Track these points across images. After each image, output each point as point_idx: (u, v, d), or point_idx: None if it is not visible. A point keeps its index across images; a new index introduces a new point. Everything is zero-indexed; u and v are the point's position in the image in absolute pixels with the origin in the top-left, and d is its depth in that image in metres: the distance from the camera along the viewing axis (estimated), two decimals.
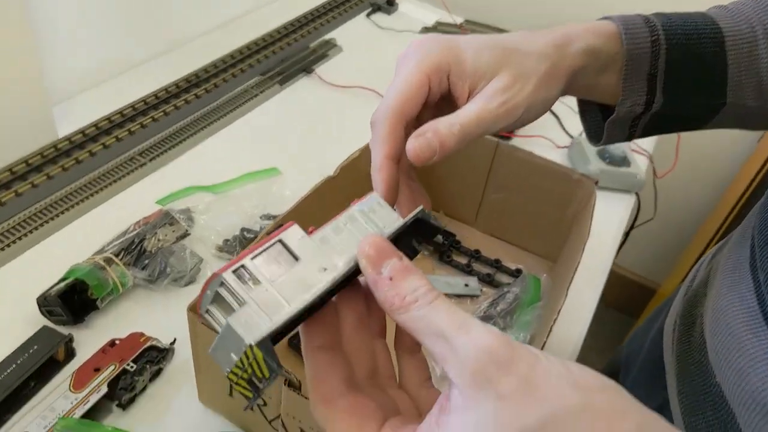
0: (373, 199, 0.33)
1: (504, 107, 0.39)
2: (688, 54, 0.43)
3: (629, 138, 0.48)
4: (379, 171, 0.38)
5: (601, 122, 0.49)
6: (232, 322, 0.26)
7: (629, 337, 0.76)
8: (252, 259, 0.29)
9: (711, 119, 0.46)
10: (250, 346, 0.25)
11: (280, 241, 0.30)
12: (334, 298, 0.32)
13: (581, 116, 0.51)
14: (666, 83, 0.43)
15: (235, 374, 0.26)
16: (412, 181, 0.41)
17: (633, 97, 0.44)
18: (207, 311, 0.29)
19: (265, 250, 0.29)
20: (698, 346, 0.47)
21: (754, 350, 0.39)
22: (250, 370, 0.26)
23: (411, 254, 0.34)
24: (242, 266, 0.28)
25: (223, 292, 0.28)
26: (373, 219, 0.32)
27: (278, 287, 0.28)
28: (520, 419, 0.24)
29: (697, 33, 0.43)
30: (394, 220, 0.33)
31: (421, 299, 0.27)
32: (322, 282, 0.28)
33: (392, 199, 0.37)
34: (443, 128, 0.37)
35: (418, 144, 0.37)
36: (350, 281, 0.32)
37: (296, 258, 0.29)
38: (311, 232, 0.31)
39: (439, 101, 0.42)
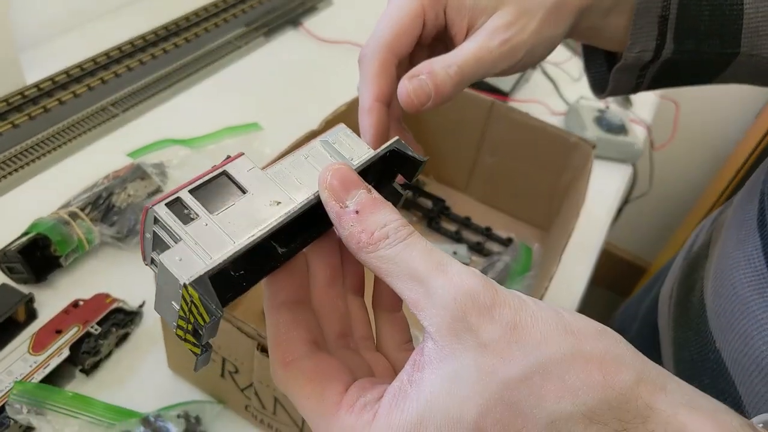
0: (339, 129, 0.29)
1: (506, 46, 0.35)
2: None
3: (635, 89, 0.45)
4: (368, 114, 0.34)
5: (606, 72, 0.46)
6: (164, 259, 0.22)
7: (621, 308, 0.73)
8: (190, 191, 0.24)
9: (723, 70, 0.43)
10: (185, 286, 0.21)
11: (224, 172, 0.25)
12: (304, 250, 0.28)
13: (585, 65, 0.48)
14: (677, 28, 0.40)
15: (181, 328, 0.23)
16: (404, 130, 0.37)
17: (642, 42, 0.41)
18: (151, 260, 0.25)
19: (206, 182, 0.25)
20: (697, 311, 0.45)
21: (761, 312, 0.37)
22: (192, 318, 0.22)
23: (393, 199, 0.29)
24: (177, 198, 0.24)
25: (158, 230, 0.24)
26: (339, 151, 0.28)
27: (221, 222, 0.24)
28: (504, 370, 0.21)
29: None
30: (364, 152, 0.28)
31: (393, 235, 0.24)
32: (274, 217, 0.24)
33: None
34: (439, 69, 0.34)
35: (411, 87, 0.33)
36: (320, 228, 0.28)
37: (244, 191, 0.25)
38: (265, 169, 0.27)
39: (433, 41, 0.38)
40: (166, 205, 0.24)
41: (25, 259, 0.61)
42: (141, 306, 0.62)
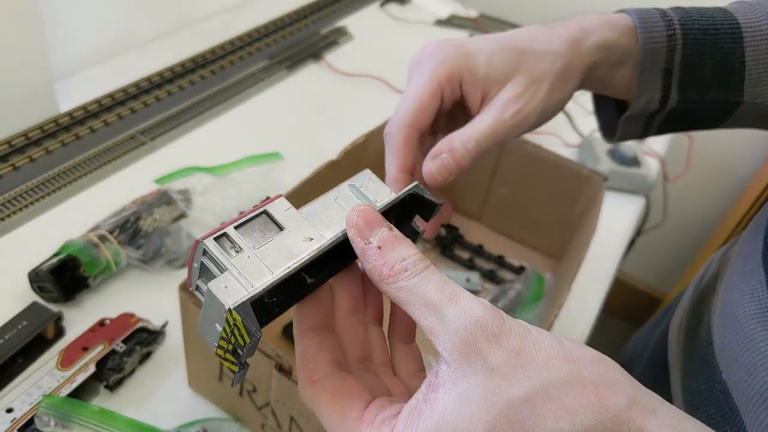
0: (365, 175, 0.32)
1: (518, 117, 0.39)
2: (705, 50, 0.42)
3: (644, 135, 0.47)
4: (394, 183, 0.38)
5: (616, 118, 0.48)
6: (212, 287, 0.25)
7: (633, 338, 0.74)
8: (235, 228, 0.28)
9: (727, 118, 0.45)
10: (230, 311, 0.25)
11: (265, 212, 0.29)
12: (330, 281, 0.31)
13: (595, 111, 0.50)
14: (682, 80, 0.42)
15: (222, 347, 0.26)
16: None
17: (648, 94, 0.43)
18: (196, 287, 0.28)
19: (249, 219, 0.28)
20: (704, 342, 0.46)
21: (765, 345, 0.38)
22: (233, 339, 0.25)
23: (412, 237, 0.32)
24: (224, 234, 0.27)
25: (206, 261, 0.27)
26: (364, 193, 0.31)
27: (261, 255, 0.27)
28: (509, 391, 0.24)
29: (715, 28, 0.42)
30: (386, 195, 0.31)
31: (411, 268, 0.26)
32: (307, 251, 0.28)
33: None
34: (458, 146, 0.38)
35: (434, 167, 0.37)
36: (344, 262, 0.31)
37: (281, 228, 0.29)
38: (300, 209, 0.30)
39: (452, 108, 0.42)
40: (214, 239, 0.27)
41: (55, 279, 0.64)
42: (164, 326, 0.65)
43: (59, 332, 0.63)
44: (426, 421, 0.25)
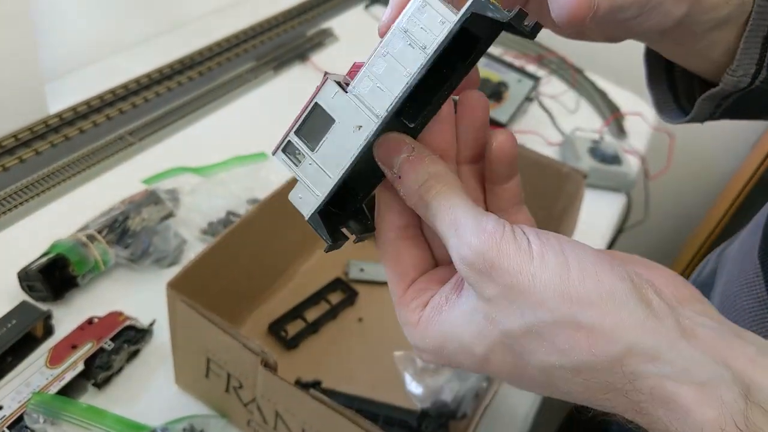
0: (416, 6, 0.26)
1: None
2: None
3: (708, 118, 0.41)
4: None
5: (671, 98, 0.43)
6: (291, 198, 0.29)
7: None
8: (295, 133, 0.29)
9: None
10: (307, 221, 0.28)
11: (316, 104, 0.28)
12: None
13: (649, 85, 0.44)
14: None
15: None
16: None
17: (745, 67, 0.37)
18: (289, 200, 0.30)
19: (305, 120, 0.28)
20: None
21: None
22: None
23: (531, 33, 0.26)
24: (289, 142, 0.29)
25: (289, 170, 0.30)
26: (414, 37, 0.26)
27: (320, 158, 0.28)
28: (504, 322, 0.25)
29: None
30: (438, 28, 0.26)
31: (425, 196, 0.27)
32: (357, 144, 0.27)
33: None
34: None
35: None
36: (432, 104, 0.29)
37: (333, 120, 0.28)
38: (352, 73, 0.28)
39: None
40: (282, 151, 0.29)
41: (44, 278, 0.65)
42: (151, 324, 0.66)
43: (48, 331, 0.64)
44: (439, 326, 0.27)
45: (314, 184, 0.28)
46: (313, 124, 0.28)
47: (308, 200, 0.28)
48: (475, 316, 0.26)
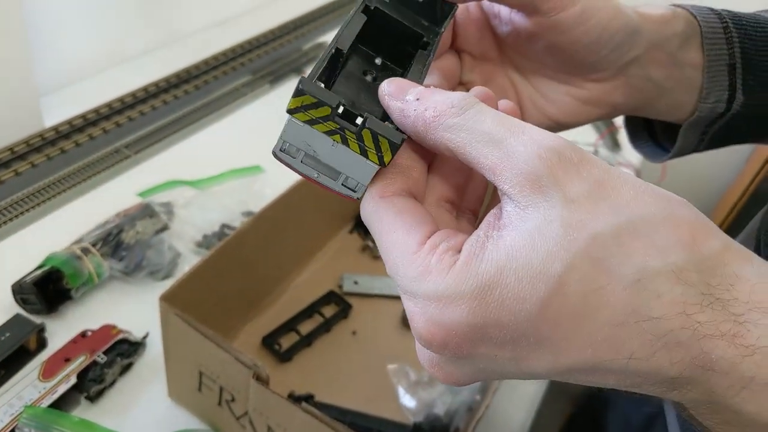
0: None
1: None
2: (758, 46, 0.39)
3: (695, 148, 0.43)
4: None
5: (652, 143, 0.45)
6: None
7: None
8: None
9: None
10: (302, 91, 0.25)
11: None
12: None
13: (631, 139, 0.46)
14: (744, 77, 0.38)
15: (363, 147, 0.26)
16: None
17: (717, 93, 0.38)
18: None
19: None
20: None
21: None
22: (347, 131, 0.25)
23: (447, 9, 0.32)
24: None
25: None
26: None
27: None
28: (592, 225, 0.21)
29: (760, 24, 0.39)
30: None
31: (460, 103, 0.24)
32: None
33: None
34: None
35: None
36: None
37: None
38: None
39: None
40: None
41: (38, 291, 0.65)
42: (145, 337, 0.66)
43: (41, 344, 0.64)
44: (491, 255, 0.22)
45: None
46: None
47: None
48: (550, 229, 0.21)
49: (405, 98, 0.25)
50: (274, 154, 0.27)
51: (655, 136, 0.45)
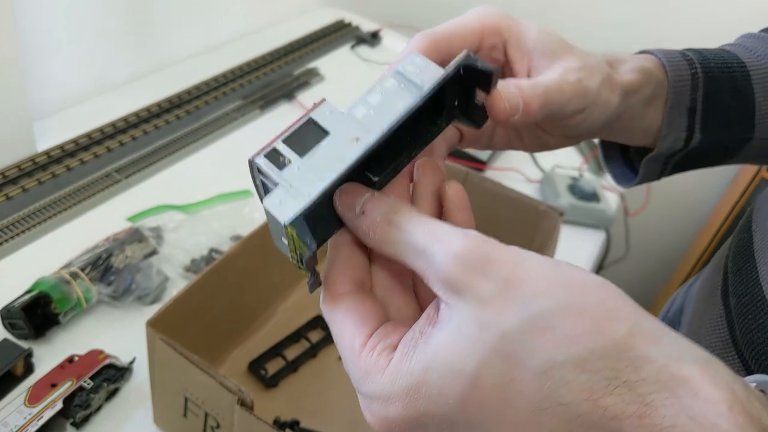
0: (411, 57, 0.30)
1: (581, 85, 0.35)
2: (722, 88, 0.42)
3: (659, 176, 0.46)
4: None
5: (624, 166, 0.47)
6: (266, 204, 0.26)
7: None
8: (283, 141, 0.28)
9: (735, 155, 0.45)
10: (285, 227, 0.25)
11: (310, 119, 0.28)
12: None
13: (604, 161, 0.49)
14: (703, 118, 0.42)
15: (293, 258, 0.27)
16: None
17: (675, 133, 0.42)
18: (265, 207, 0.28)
19: (295, 130, 0.28)
20: None
21: None
22: (298, 250, 0.26)
23: (480, 114, 0.31)
24: (273, 149, 0.27)
25: (262, 178, 0.27)
26: (410, 79, 0.29)
27: (310, 163, 0.27)
28: (501, 323, 0.23)
29: (727, 66, 0.42)
30: (435, 74, 0.29)
31: (394, 219, 0.26)
32: (355, 152, 0.27)
33: None
34: (526, 86, 0.33)
35: (504, 94, 0.31)
36: (410, 152, 0.30)
37: (327, 132, 0.28)
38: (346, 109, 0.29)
39: None
40: (264, 155, 0.27)
41: (26, 316, 0.65)
42: (131, 362, 0.66)
43: (28, 369, 0.64)
44: (419, 356, 0.24)
45: (301, 189, 0.26)
46: (304, 134, 0.28)
47: (291, 205, 0.25)
48: (466, 329, 0.23)
49: (355, 210, 0.27)
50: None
51: (629, 156, 0.48)
